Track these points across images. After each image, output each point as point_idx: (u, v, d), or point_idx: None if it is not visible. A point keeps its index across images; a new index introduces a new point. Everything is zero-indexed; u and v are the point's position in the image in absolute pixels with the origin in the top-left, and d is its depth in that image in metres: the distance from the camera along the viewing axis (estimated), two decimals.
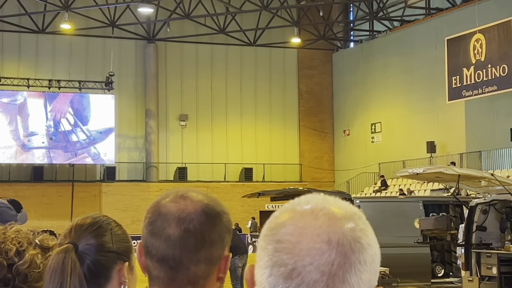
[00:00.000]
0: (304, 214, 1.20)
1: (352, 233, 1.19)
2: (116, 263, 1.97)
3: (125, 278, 1.96)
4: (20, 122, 40.72)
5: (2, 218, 2.91)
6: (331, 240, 1.17)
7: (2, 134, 40.19)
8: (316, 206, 1.21)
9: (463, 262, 16.39)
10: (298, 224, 1.19)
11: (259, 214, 44.29)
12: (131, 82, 44.70)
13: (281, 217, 1.23)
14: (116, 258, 1.97)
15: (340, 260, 1.16)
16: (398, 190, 36.52)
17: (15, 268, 2.11)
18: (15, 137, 40.58)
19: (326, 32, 46.39)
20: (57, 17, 41.88)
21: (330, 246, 1.16)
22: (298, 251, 1.16)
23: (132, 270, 2.00)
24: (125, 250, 2.00)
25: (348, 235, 1.18)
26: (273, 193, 24.40)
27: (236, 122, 46.41)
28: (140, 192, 42.69)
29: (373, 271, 1.20)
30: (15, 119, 40.66)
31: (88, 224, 2.00)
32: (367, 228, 1.22)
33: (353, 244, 1.18)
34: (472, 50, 34.14)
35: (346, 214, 1.21)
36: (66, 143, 41.59)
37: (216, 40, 45.97)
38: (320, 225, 1.18)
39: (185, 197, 1.73)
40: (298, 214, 1.21)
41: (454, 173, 16.81)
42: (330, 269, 1.16)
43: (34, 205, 37.64)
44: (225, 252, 1.73)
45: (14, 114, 40.69)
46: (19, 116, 40.76)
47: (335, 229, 1.18)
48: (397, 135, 41.58)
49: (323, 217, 1.19)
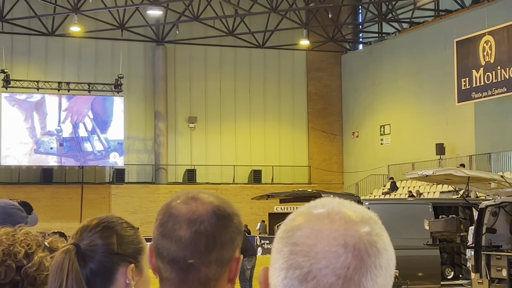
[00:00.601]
0: (320, 217, 1.20)
1: (368, 237, 1.18)
2: (120, 265, 1.95)
3: (130, 280, 1.95)
4: (37, 120, 40.76)
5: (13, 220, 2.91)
6: (347, 244, 1.17)
7: (18, 130, 40.27)
8: (332, 209, 1.21)
9: (472, 264, 16.34)
10: (315, 227, 1.19)
11: (268, 216, 44.28)
12: (140, 84, 44.76)
13: (297, 219, 1.23)
14: (121, 260, 1.96)
15: (356, 264, 1.16)
16: (407, 192, 36.43)
17: (23, 271, 2.11)
18: (32, 135, 40.66)
19: (335, 34, 46.35)
20: (67, 20, 41.99)
21: (346, 250, 1.16)
22: (314, 254, 1.16)
23: (141, 272, 1.99)
24: (132, 252, 1.98)
25: (365, 239, 1.18)
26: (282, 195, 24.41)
27: (245, 124, 46.42)
28: (149, 194, 42.74)
29: (389, 276, 1.20)
30: (30, 116, 40.68)
31: (92, 225, 1.99)
32: (383, 233, 1.22)
33: (369, 248, 1.17)
34: (482, 52, 34.06)
35: (362, 218, 1.21)
36: (77, 152, 41.50)
37: (225, 42, 46.01)
38: (336, 228, 1.18)
39: (196, 199, 1.73)
40: (314, 217, 1.21)
41: (464, 175, 16.78)
42: (346, 273, 1.15)
43: (44, 207, 37.71)
44: (236, 254, 1.73)
45: (30, 111, 40.72)
46: (36, 114, 40.78)
47: (352, 233, 1.18)
48: (406, 137, 41.49)
49: (339, 220, 1.19)
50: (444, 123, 38.55)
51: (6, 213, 3.22)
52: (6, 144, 40.30)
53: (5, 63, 40.71)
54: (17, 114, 40.54)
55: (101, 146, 41.85)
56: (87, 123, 41.77)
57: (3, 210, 3.23)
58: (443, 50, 38.01)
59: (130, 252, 1.98)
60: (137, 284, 1.98)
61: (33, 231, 2.23)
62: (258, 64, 47.25)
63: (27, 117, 40.65)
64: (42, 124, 40.86)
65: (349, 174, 47.07)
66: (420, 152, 39.54)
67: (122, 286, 1.95)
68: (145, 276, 2.01)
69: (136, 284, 1.97)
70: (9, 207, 3.28)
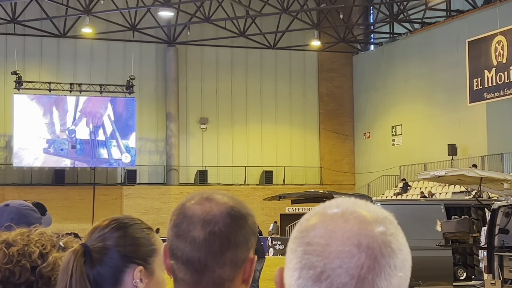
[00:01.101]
0: (335, 217, 1.20)
1: (382, 237, 1.18)
2: (128, 267, 1.94)
3: (138, 283, 1.94)
4: (56, 116, 40.85)
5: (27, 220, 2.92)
6: (360, 244, 1.16)
7: (36, 125, 40.38)
8: (346, 209, 1.21)
9: (485, 265, 16.28)
10: (328, 227, 1.18)
11: (279, 217, 44.29)
12: (151, 86, 44.85)
13: (311, 220, 1.22)
14: (129, 262, 1.95)
15: (370, 264, 1.15)
16: (419, 193, 36.35)
17: (38, 271, 2.11)
18: (50, 131, 40.75)
19: (346, 34, 46.31)
20: (78, 21, 42.13)
21: (360, 250, 1.16)
22: (328, 253, 1.16)
23: (151, 274, 1.97)
24: (141, 254, 1.97)
25: (378, 239, 1.17)
26: (294, 196, 24.39)
27: (256, 125, 46.43)
28: (161, 195, 42.82)
29: (404, 277, 1.20)
30: (49, 111, 40.78)
31: (103, 226, 1.98)
32: (398, 233, 1.21)
33: (383, 248, 1.17)
34: (494, 52, 33.94)
35: (377, 218, 1.20)
36: (90, 158, 41.52)
37: (236, 43, 46.04)
38: (350, 228, 1.18)
39: (210, 200, 1.73)
40: (329, 217, 1.20)
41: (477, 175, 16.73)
42: (359, 273, 1.15)
43: (56, 208, 37.81)
44: (250, 255, 1.73)
45: (49, 106, 40.83)
46: (55, 110, 40.88)
47: (365, 233, 1.17)
48: (418, 137, 41.40)
49: (353, 220, 1.19)
50: (456, 124, 38.44)
51: (20, 214, 3.23)
52: (20, 143, 40.32)
53: (17, 65, 40.91)
54: (35, 109, 40.61)
55: (119, 153, 41.82)
56: (107, 126, 41.79)
57: (17, 211, 3.24)
58: (455, 50, 37.91)
59: (139, 254, 1.97)
60: (147, 286, 1.96)
61: (48, 232, 2.24)
62: (269, 65, 47.26)
63: (46, 112, 40.72)
64: (62, 120, 40.92)
65: (360, 174, 47.01)
66: (432, 152, 39.44)
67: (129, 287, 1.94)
68: (157, 278, 1.99)
69: (146, 286, 1.96)
70: (23, 208, 3.29)
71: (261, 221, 42.14)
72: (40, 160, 40.77)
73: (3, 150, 42.00)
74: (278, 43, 46.66)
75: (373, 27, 48.00)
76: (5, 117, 40.91)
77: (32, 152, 40.45)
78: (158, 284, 2.00)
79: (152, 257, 1.98)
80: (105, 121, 41.75)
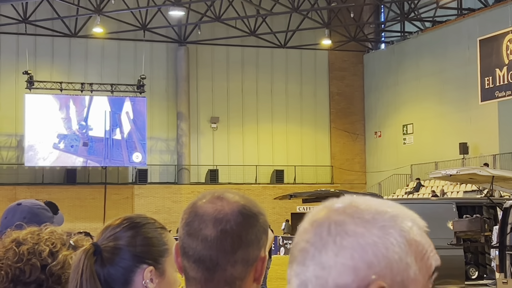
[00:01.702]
0: (339, 210, 1.25)
1: (336, 216, 1.23)
2: (139, 267, 1.94)
3: (147, 283, 1.93)
4: (73, 111, 40.93)
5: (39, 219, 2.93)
6: (314, 222, 1.23)
7: (51, 119, 40.44)
8: (350, 201, 1.26)
9: (497, 264, 16.23)
10: None
11: (290, 216, 44.27)
12: (162, 85, 44.91)
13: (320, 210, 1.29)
14: (139, 262, 1.94)
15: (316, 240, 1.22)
16: (430, 192, 36.26)
17: (48, 269, 2.12)
18: (67, 126, 40.82)
19: (357, 33, 46.25)
20: (89, 21, 42.23)
21: (312, 227, 1.23)
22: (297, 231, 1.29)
23: (162, 274, 1.97)
24: (152, 254, 1.96)
25: (333, 218, 1.22)
26: (305, 195, 24.39)
27: (267, 124, 46.42)
28: (172, 194, 42.88)
29: None
30: (65, 106, 40.86)
31: (114, 225, 1.98)
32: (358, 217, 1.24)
33: (333, 227, 1.21)
34: (505, 51, 33.84)
35: (365, 208, 1.25)
36: (102, 158, 41.59)
37: (246, 43, 46.04)
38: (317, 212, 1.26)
39: (222, 198, 1.73)
40: (334, 209, 1.28)
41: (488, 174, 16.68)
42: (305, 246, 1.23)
43: (67, 208, 37.93)
44: (262, 253, 1.73)
45: (65, 101, 40.92)
46: (73, 105, 40.96)
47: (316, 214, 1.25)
48: (429, 136, 41.30)
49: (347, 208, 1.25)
50: (467, 122, 38.33)
51: (32, 213, 3.24)
52: (32, 141, 40.39)
53: (28, 65, 41.04)
54: (52, 103, 40.68)
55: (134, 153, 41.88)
56: (125, 125, 41.84)
57: (29, 210, 3.25)
58: (466, 49, 37.79)
59: (150, 253, 1.96)
60: (158, 286, 1.96)
61: (58, 230, 2.24)
62: (280, 64, 47.24)
63: (62, 107, 40.81)
64: (79, 116, 41.00)
65: (371, 173, 46.94)
66: (443, 151, 39.34)
67: (140, 287, 1.94)
68: (168, 278, 1.99)
69: (157, 287, 1.95)
70: (36, 207, 3.30)
71: (272, 220, 42.11)
72: (54, 155, 40.68)
73: (15, 149, 42.14)
74: (289, 42, 46.63)
75: (384, 25, 47.91)
76: (16, 117, 41.05)
77: (45, 148, 40.44)
78: (170, 284, 1.99)
79: (163, 257, 1.98)
80: (123, 120, 41.79)
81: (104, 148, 41.34)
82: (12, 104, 41.35)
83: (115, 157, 41.56)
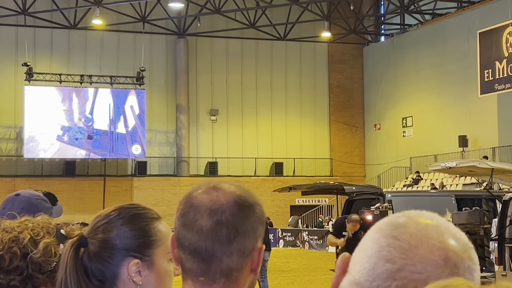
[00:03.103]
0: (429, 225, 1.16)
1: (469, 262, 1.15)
2: (124, 260, 1.91)
3: (132, 276, 1.91)
4: (76, 104, 40.92)
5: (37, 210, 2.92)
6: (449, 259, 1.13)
7: (53, 111, 40.40)
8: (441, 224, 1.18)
9: (496, 257, 16.23)
10: (421, 230, 1.15)
11: (289, 208, 44.30)
12: (162, 77, 44.88)
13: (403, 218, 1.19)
14: (124, 254, 1.92)
15: None
16: (429, 185, 36.28)
17: (30, 258, 2.11)
18: (69, 118, 40.81)
19: (356, 26, 46.20)
20: (89, 13, 42.16)
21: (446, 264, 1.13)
22: (413, 255, 1.12)
23: (150, 266, 1.93)
24: (138, 246, 1.93)
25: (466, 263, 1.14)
26: (304, 187, 24.39)
27: (267, 117, 46.42)
28: (171, 186, 42.89)
29: None
30: (68, 98, 40.83)
31: (102, 216, 1.96)
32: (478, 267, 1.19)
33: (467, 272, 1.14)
34: (505, 43, 33.79)
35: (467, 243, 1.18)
36: (106, 151, 41.55)
37: (246, 35, 45.99)
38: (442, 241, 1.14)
39: (217, 189, 1.71)
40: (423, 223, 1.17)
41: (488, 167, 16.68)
42: None
43: (66, 200, 37.94)
44: (258, 244, 1.71)
45: (68, 93, 40.90)
46: (75, 97, 40.94)
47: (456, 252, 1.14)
48: (428, 129, 41.31)
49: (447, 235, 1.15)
50: (466, 115, 38.33)
51: (30, 203, 3.23)
52: (32, 133, 40.36)
53: (27, 56, 41.00)
54: (54, 95, 40.66)
55: (137, 145, 41.92)
56: (129, 118, 41.81)
57: (27, 201, 3.25)
58: (466, 41, 37.77)
59: (136, 246, 1.93)
60: (147, 278, 1.93)
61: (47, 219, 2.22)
62: (279, 56, 47.21)
63: (65, 99, 40.79)
64: (82, 109, 40.99)
65: (371, 166, 46.96)
66: (443, 144, 39.35)
67: (128, 280, 1.91)
68: (159, 270, 1.95)
69: (146, 279, 1.93)
70: (34, 198, 3.29)
71: (271, 213, 42.17)
72: (55, 147, 40.65)
73: (14, 141, 42.13)
74: (288, 34, 46.59)
75: (384, 18, 47.87)
76: (15, 109, 41.02)
77: (47, 139, 40.40)
78: (161, 276, 1.96)
79: (151, 249, 1.94)
80: (127, 113, 41.77)
81: (109, 142, 41.31)
82: (11, 96, 41.32)
83: (119, 150, 41.58)
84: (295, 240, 39.38)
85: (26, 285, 2.11)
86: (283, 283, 20.02)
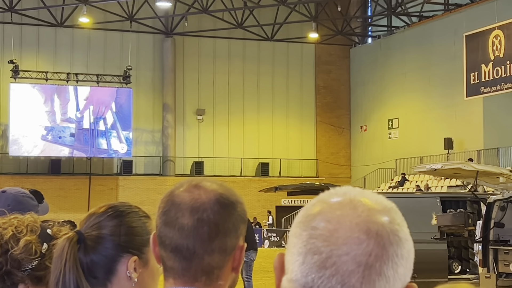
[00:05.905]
0: (343, 203, 1.17)
1: (391, 225, 1.15)
2: (122, 256, 1.93)
3: (131, 272, 1.92)
4: (58, 105, 40.82)
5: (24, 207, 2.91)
6: (370, 230, 1.13)
7: (35, 112, 40.30)
8: (354, 197, 1.18)
9: (480, 259, 16.31)
10: (336, 212, 1.15)
11: (275, 208, 44.31)
12: (148, 76, 44.80)
13: (317, 205, 1.19)
14: (123, 251, 1.93)
15: (378, 251, 1.13)
16: (415, 186, 36.38)
17: (10, 254, 2.10)
18: (51, 119, 40.70)
19: (344, 27, 46.27)
20: (76, 11, 42.02)
21: (369, 236, 1.13)
22: (335, 239, 1.13)
23: (146, 264, 1.96)
24: (136, 244, 1.95)
25: (387, 227, 1.15)
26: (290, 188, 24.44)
27: (253, 117, 46.42)
28: (157, 186, 42.79)
29: (409, 267, 1.17)
30: (50, 99, 40.72)
31: (99, 213, 1.97)
32: (403, 223, 1.19)
33: (391, 236, 1.14)
34: (491, 47, 33.95)
35: (384, 207, 1.18)
36: (88, 147, 41.55)
37: (233, 35, 45.97)
38: (358, 214, 1.15)
39: (199, 187, 1.71)
40: (336, 203, 1.17)
41: (473, 169, 16.74)
42: (367, 260, 1.12)
43: (51, 198, 37.73)
44: (240, 242, 1.71)
45: (50, 94, 40.77)
46: (57, 98, 40.83)
47: (374, 220, 1.14)
48: (414, 131, 41.43)
49: (362, 207, 1.16)
50: (452, 118, 38.47)
51: (17, 200, 3.22)
52: (17, 131, 40.24)
53: (14, 54, 40.82)
54: (36, 97, 40.56)
55: (118, 144, 41.87)
56: (108, 116, 41.79)
57: (14, 198, 3.23)
58: (452, 44, 37.90)
59: (134, 243, 1.95)
60: (141, 275, 1.95)
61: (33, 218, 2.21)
62: (266, 56, 47.22)
63: (47, 100, 40.68)
64: (63, 109, 40.91)
65: (356, 167, 47.05)
66: (428, 146, 39.47)
67: (123, 277, 1.93)
68: (152, 267, 1.98)
69: (140, 276, 1.95)
70: (20, 195, 3.28)
71: (257, 213, 42.18)
72: (39, 148, 40.67)
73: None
74: (276, 35, 46.60)
75: (371, 20, 47.97)
76: (1, 106, 40.84)
77: (31, 139, 40.34)
78: (153, 273, 1.99)
79: (147, 247, 1.96)
80: (113, 111, 41.84)
81: (90, 139, 41.30)
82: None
83: (102, 148, 41.60)
84: (280, 240, 39.41)
85: (4, 281, 2.10)
86: (267, 283, 20.04)
